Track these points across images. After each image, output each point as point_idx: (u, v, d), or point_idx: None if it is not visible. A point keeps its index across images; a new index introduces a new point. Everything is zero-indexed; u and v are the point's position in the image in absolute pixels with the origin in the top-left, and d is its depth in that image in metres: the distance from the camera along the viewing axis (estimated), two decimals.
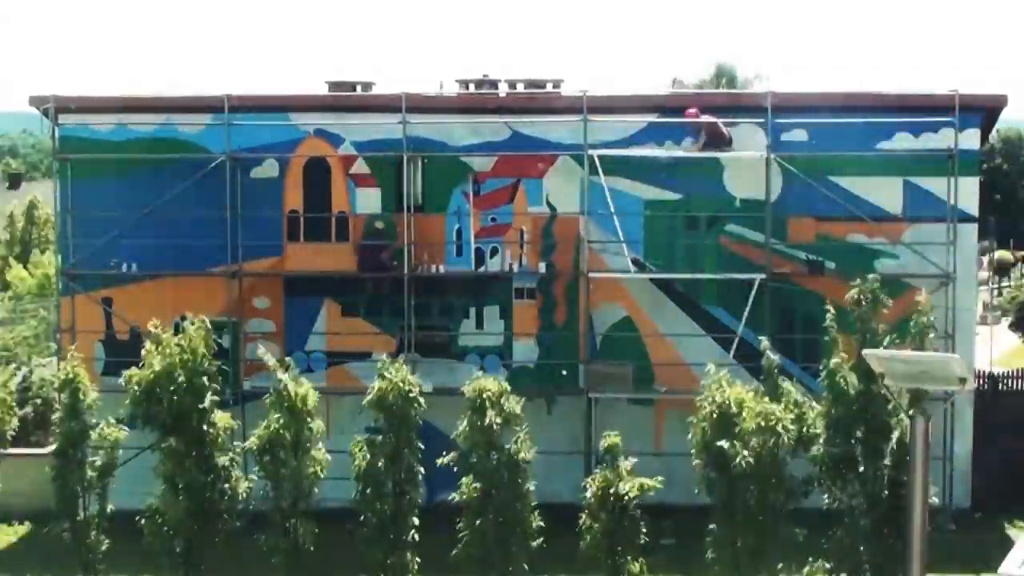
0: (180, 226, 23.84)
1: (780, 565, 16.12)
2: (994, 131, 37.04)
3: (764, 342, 17.38)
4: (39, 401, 26.29)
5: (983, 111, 23.63)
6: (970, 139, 23.25)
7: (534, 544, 17.25)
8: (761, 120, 23.10)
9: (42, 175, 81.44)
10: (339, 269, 24.18)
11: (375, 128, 24.01)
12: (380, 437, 17.56)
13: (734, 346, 22.83)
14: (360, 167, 24.35)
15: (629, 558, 16.73)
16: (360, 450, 17.53)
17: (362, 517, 17.55)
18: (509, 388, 17.19)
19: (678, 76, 60.19)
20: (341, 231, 24.44)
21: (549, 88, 24.76)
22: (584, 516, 16.94)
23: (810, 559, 16.47)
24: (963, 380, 11.00)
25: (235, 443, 18.60)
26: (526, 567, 17.24)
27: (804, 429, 16.21)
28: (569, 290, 23.91)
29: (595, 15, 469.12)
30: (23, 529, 23.10)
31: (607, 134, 23.56)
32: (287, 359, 18.41)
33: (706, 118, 23.19)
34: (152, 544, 17.87)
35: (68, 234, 24.78)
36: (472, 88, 24.83)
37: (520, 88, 24.83)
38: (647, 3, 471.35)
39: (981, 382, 25.09)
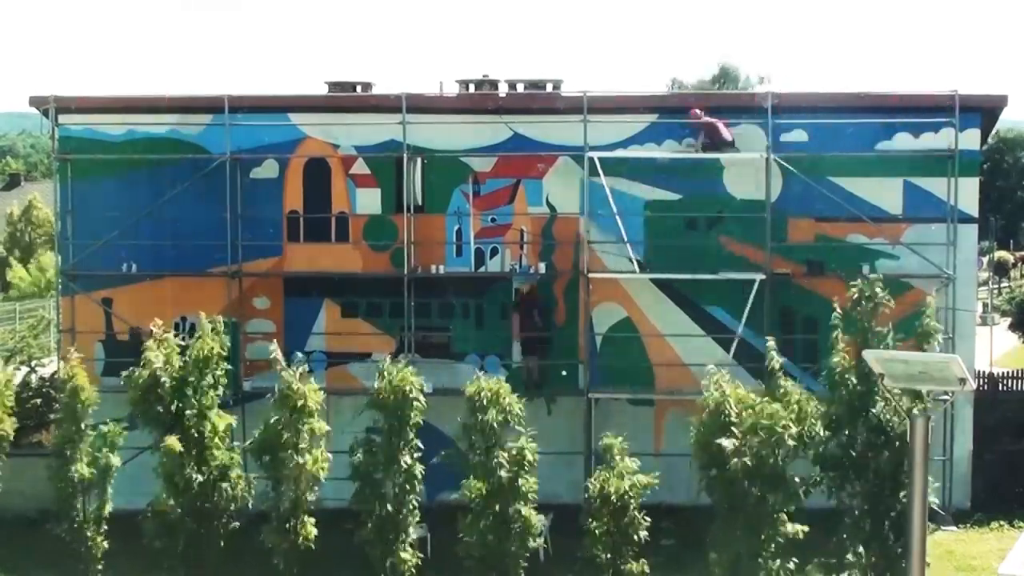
0: (180, 226, 23.82)
1: (780, 565, 16.10)
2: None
3: (770, 342, 17.35)
4: (39, 401, 26.22)
5: (983, 111, 23.59)
6: (970, 139, 23.23)
7: (534, 544, 17.27)
8: (761, 120, 23.10)
9: (41, 175, 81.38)
10: (339, 269, 24.18)
11: (375, 129, 24.01)
12: (380, 437, 17.60)
13: (733, 346, 22.83)
14: (360, 167, 24.35)
15: (629, 558, 16.76)
16: (360, 450, 17.56)
17: (362, 517, 17.58)
18: (510, 387, 17.23)
19: (677, 76, 60.26)
20: (341, 231, 24.44)
21: (549, 89, 24.74)
22: (584, 516, 16.95)
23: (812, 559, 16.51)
24: (963, 381, 10.99)
25: (235, 443, 18.62)
26: (526, 567, 17.27)
27: (804, 429, 16.20)
28: (569, 290, 23.90)
29: (595, 15, 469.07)
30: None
31: (607, 135, 23.54)
32: (299, 355, 18.48)
33: (709, 119, 23.20)
34: (152, 544, 17.88)
35: (68, 234, 24.77)
36: (472, 88, 24.80)
37: (520, 89, 24.80)
38: (647, 3, 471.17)
39: (981, 382, 25.06)
